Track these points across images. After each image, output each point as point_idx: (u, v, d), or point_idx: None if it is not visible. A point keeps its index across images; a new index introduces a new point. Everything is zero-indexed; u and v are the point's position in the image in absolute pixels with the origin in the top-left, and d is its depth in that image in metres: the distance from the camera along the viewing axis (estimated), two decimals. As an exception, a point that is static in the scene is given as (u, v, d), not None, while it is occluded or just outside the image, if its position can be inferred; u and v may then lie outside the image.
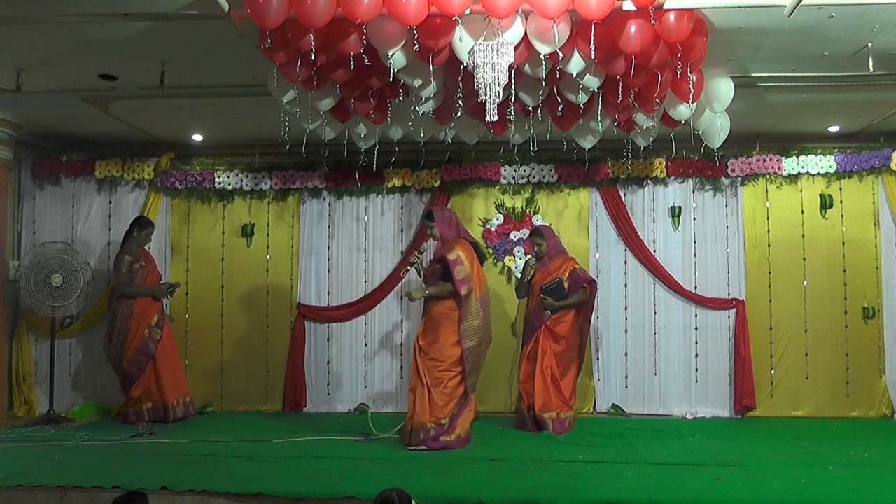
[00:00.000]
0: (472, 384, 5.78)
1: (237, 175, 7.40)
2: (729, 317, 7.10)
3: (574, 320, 6.33)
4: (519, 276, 6.70)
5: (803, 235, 7.12)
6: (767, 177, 7.14)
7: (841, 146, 7.11)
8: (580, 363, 6.50)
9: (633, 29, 4.12)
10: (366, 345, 7.39)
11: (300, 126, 5.43)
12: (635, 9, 4.03)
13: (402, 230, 7.40)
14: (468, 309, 5.64)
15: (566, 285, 6.24)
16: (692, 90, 4.71)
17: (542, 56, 4.21)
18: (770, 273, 7.12)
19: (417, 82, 4.59)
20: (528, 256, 6.45)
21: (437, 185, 7.30)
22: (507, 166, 7.27)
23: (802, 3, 3.97)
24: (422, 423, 5.58)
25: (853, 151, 7.04)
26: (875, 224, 7.07)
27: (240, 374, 7.39)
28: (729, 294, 7.11)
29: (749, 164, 7.09)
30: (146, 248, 6.91)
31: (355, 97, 4.96)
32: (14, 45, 4.84)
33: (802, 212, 7.14)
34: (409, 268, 6.21)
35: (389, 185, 7.33)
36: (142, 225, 6.83)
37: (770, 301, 7.10)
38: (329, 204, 7.47)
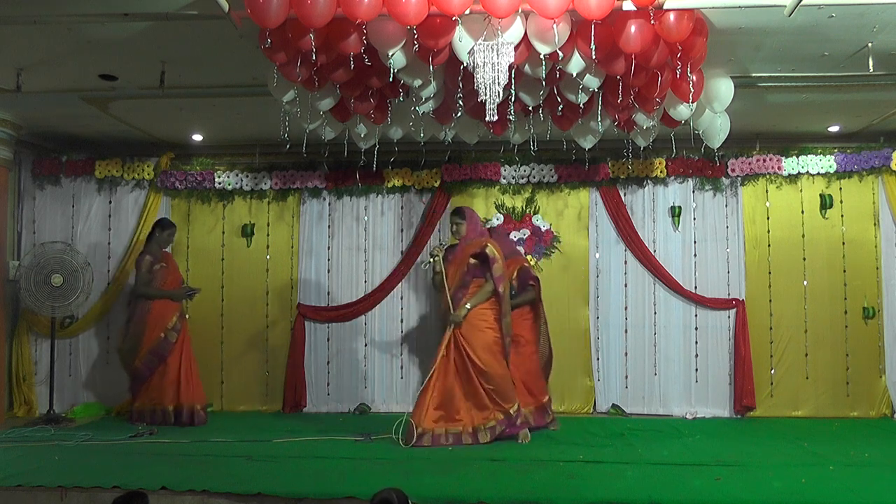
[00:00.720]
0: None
1: (237, 175, 7.40)
2: (729, 317, 7.10)
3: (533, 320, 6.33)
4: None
5: (803, 235, 7.12)
6: (767, 177, 7.14)
7: (841, 146, 7.11)
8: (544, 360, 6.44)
9: (633, 29, 4.11)
10: (366, 345, 7.39)
11: (300, 126, 5.43)
12: (635, 9, 4.03)
13: (402, 230, 7.40)
14: (506, 306, 5.78)
15: (514, 284, 6.16)
16: (692, 90, 4.71)
17: (542, 56, 4.21)
18: (770, 273, 7.12)
19: (417, 82, 4.59)
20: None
21: (437, 185, 7.30)
22: (507, 166, 7.27)
23: (802, 3, 3.97)
24: (482, 423, 5.66)
25: (853, 151, 7.04)
26: (875, 224, 7.07)
27: (240, 374, 7.39)
28: (729, 294, 7.11)
29: (749, 164, 7.09)
30: (168, 249, 6.87)
31: (355, 97, 4.96)
32: (14, 45, 4.84)
33: (802, 212, 7.14)
34: (430, 260, 6.01)
35: (389, 185, 7.33)
36: (164, 226, 6.79)
37: (770, 301, 7.10)
38: (329, 204, 7.47)
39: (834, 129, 6.97)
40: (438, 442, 5.61)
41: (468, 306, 5.71)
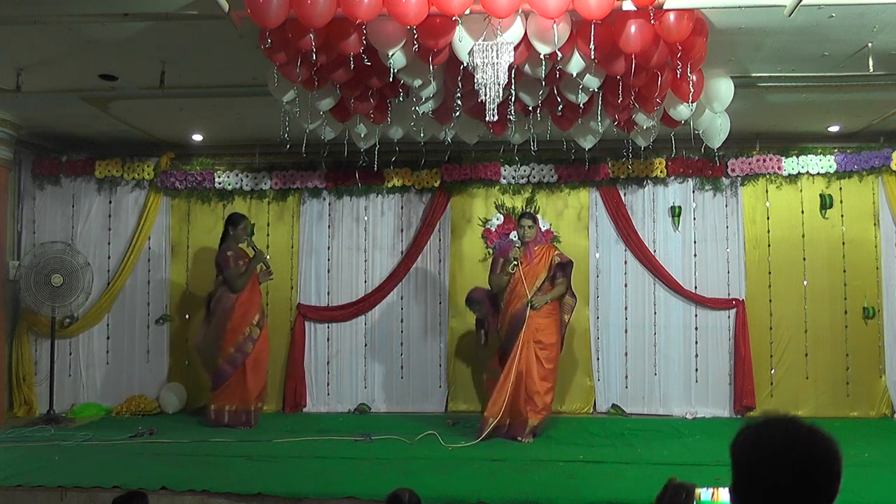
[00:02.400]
0: None
1: (237, 175, 7.40)
2: (729, 317, 7.11)
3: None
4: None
5: (803, 235, 7.12)
6: (767, 177, 7.14)
7: (841, 146, 7.11)
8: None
9: (633, 29, 4.11)
10: (366, 345, 7.39)
11: (300, 126, 5.43)
12: (635, 9, 4.03)
13: (401, 230, 7.39)
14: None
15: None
16: (692, 90, 4.71)
17: (542, 56, 4.21)
18: (770, 273, 7.12)
19: (417, 82, 4.59)
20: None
21: (437, 185, 7.30)
22: (507, 166, 7.27)
23: (802, 3, 3.97)
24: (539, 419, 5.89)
25: (853, 151, 7.04)
26: (875, 224, 7.07)
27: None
28: (729, 294, 7.11)
29: (749, 164, 7.09)
30: (246, 245, 6.76)
31: (355, 97, 4.96)
32: (14, 45, 4.84)
33: (802, 212, 7.14)
34: (514, 264, 6.02)
35: (389, 185, 7.33)
36: (234, 222, 6.66)
37: (770, 301, 7.10)
38: (329, 204, 7.47)
39: (834, 129, 6.97)
40: (511, 434, 5.81)
41: (548, 298, 5.95)
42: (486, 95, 4.08)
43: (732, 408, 7.01)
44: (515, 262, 6.01)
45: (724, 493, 1.72)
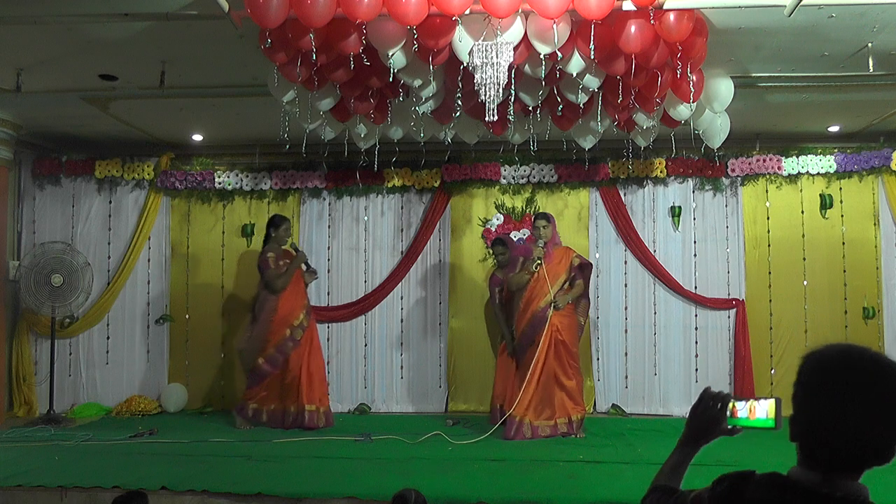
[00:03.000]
0: None
1: (237, 175, 7.40)
2: (729, 317, 7.11)
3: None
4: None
5: (803, 235, 7.12)
6: (767, 177, 7.14)
7: (841, 146, 7.11)
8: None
9: (633, 29, 4.11)
10: (366, 345, 7.39)
11: (300, 126, 5.43)
12: (635, 9, 4.03)
13: (401, 230, 7.39)
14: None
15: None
16: (692, 90, 4.71)
17: (542, 56, 4.20)
18: (770, 273, 7.12)
19: (417, 82, 4.58)
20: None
21: (437, 185, 7.30)
22: (507, 166, 7.27)
23: (802, 3, 3.97)
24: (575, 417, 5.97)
25: (853, 151, 7.04)
26: (875, 224, 7.07)
27: (240, 375, 7.37)
28: (729, 294, 7.11)
29: (749, 164, 7.09)
30: (286, 245, 6.66)
31: (355, 97, 4.96)
32: (14, 45, 4.84)
33: (802, 212, 7.15)
34: (538, 262, 6.04)
35: (389, 185, 7.33)
36: (276, 224, 6.61)
37: (770, 301, 7.10)
38: (329, 204, 7.47)
39: (834, 129, 6.97)
40: (537, 434, 5.88)
41: (570, 298, 6.02)
42: (486, 95, 4.08)
43: (732, 408, 7.00)
44: (539, 262, 6.02)
45: (760, 410, 1.66)
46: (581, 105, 4.89)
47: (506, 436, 5.84)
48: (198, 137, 7.32)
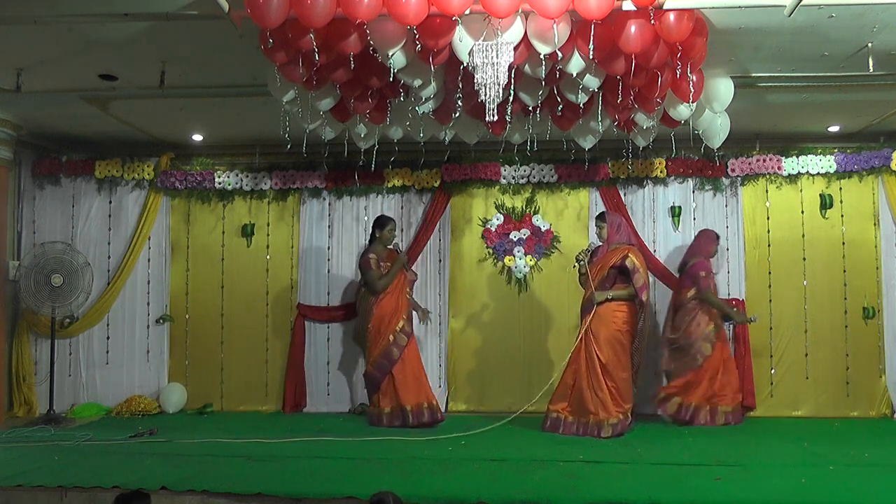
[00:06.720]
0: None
1: (237, 175, 7.40)
2: (729, 317, 7.10)
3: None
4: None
5: (803, 235, 7.12)
6: (767, 177, 7.14)
7: (841, 146, 7.11)
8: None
9: (633, 29, 4.11)
10: (366, 345, 7.39)
11: (300, 126, 5.43)
12: (635, 9, 4.03)
13: (402, 230, 7.38)
14: (645, 311, 6.17)
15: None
16: (692, 90, 4.71)
17: (542, 56, 4.21)
18: (770, 273, 7.12)
19: (417, 82, 4.59)
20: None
21: (437, 185, 7.30)
22: (507, 166, 7.27)
23: (802, 3, 3.97)
24: (605, 419, 5.94)
25: (853, 151, 7.04)
26: (875, 224, 7.07)
27: (240, 374, 7.39)
28: (729, 294, 7.10)
29: (749, 164, 7.09)
30: (391, 246, 6.64)
31: (355, 97, 4.96)
32: (14, 45, 4.84)
33: (802, 212, 7.14)
34: (576, 264, 6.21)
35: (389, 185, 7.33)
36: (382, 224, 6.61)
37: (770, 301, 7.10)
38: (329, 204, 7.47)
39: (834, 129, 6.97)
40: (569, 430, 6.02)
41: (609, 296, 6.04)
42: (486, 95, 4.08)
43: (732, 408, 7.00)
44: (579, 262, 6.17)
45: None
46: (581, 105, 4.89)
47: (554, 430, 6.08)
48: (198, 137, 7.32)
